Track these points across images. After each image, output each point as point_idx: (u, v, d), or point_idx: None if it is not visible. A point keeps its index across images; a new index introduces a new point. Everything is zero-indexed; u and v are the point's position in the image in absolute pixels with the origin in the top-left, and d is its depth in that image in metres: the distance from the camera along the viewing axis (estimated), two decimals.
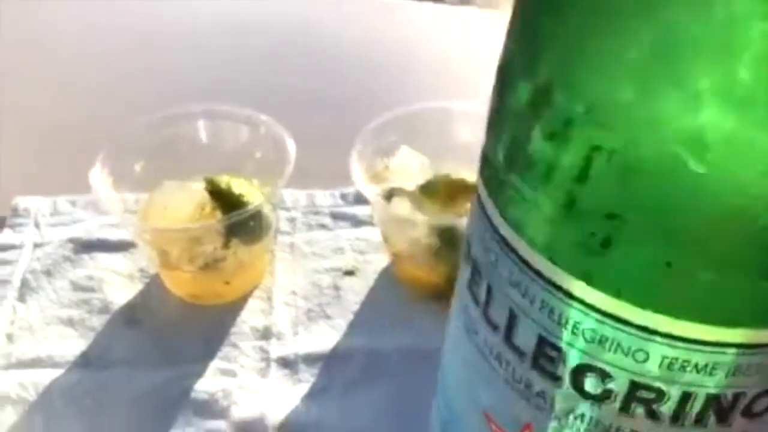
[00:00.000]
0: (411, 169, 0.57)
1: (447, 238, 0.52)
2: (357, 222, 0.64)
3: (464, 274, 0.28)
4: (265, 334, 0.55)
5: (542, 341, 0.25)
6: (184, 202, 0.57)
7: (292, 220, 0.64)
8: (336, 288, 0.58)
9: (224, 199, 0.55)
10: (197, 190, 0.57)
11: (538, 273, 0.24)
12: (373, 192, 0.52)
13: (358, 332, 0.55)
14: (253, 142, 0.59)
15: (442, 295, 0.57)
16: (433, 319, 0.56)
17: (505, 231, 0.25)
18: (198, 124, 0.59)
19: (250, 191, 0.56)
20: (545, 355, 0.25)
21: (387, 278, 0.59)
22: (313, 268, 0.60)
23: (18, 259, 0.60)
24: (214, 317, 0.56)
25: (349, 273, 0.59)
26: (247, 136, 0.59)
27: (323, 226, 0.64)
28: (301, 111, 0.59)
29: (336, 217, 0.65)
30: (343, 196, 0.66)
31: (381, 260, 0.60)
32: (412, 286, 0.57)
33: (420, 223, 0.51)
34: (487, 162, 0.26)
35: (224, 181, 0.56)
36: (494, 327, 0.26)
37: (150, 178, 0.58)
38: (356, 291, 0.58)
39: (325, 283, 0.59)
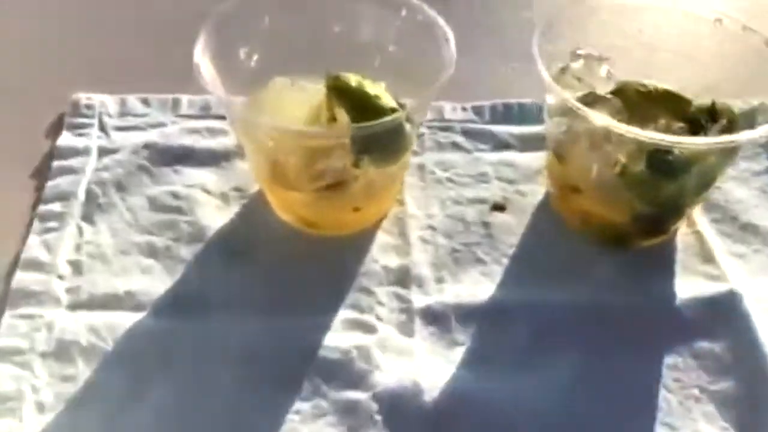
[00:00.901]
0: (597, 73, 0.44)
1: (659, 162, 0.39)
2: (498, 143, 0.51)
3: None
4: (403, 277, 0.43)
5: None
6: (298, 103, 0.44)
7: (418, 136, 0.51)
8: (485, 225, 0.46)
9: (352, 102, 0.42)
10: (313, 89, 0.44)
11: None
12: (562, 94, 0.39)
13: (518, 282, 0.43)
14: (387, 29, 0.45)
15: (624, 238, 0.45)
16: (612, 268, 0.44)
17: None
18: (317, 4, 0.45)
19: (383, 94, 0.43)
20: None
21: (547, 214, 0.47)
22: (451, 197, 0.47)
23: (83, 167, 0.48)
24: (335, 252, 0.44)
25: (499, 207, 0.47)
26: (380, 22, 0.45)
27: (457, 146, 0.51)
28: None
29: (470, 135, 0.52)
30: (478, 111, 0.53)
31: (536, 192, 0.48)
32: (583, 225, 0.45)
33: (628, 140, 0.38)
34: None
35: (353, 78, 0.43)
36: None
37: (257, 72, 0.45)
38: (510, 230, 0.46)
39: (470, 218, 0.46)
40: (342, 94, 0.42)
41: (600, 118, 0.38)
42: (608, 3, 0.46)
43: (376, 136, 0.41)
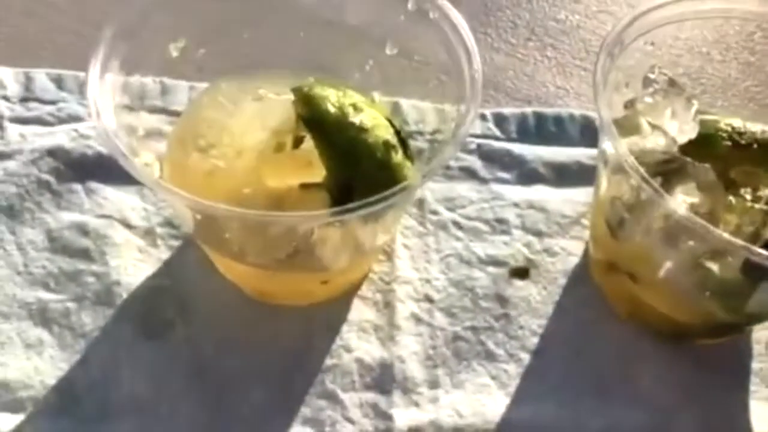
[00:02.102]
0: (679, 114, 0.31)
1: (761, 271, 0.27)
2: (526, 173, 0.38)
3: None
4: (383, 378, 0.32)
5: None
6: (254, 123, 0.31)
7: (418, 154, 0.38)
8: (500, 300, 0.34)
9: (329, 139, 0.29)
10: (276, 101, 0.31)
11: None
12: (636, 169, 0.27)
13: (543, 392, 0.32)
14: (386, 24, 0.32)
15: (685, 336, 0.34)
16: (669, 377, 0.32)
17: None
18: None
19: (376, 121, 0.30)
20: None
21: (585, 287, 0.35)
22: (458, 253, 0.35)
23: None
24: (293, 332, 0.32)
25: (520, 273, 0.35)
26: (378, 13, 0.32)
27: (470, 174, 0.38)
28: None
29: (488, 158, 0.39)
30: (500, 122, 0.40)
31: (571, 250, 0.36)
32: (632, 315, 0.33)
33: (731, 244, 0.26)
34: None
35: (332, 96, 0.30)
36: None
37: (195, 73, 0.32)
38: (534, 308, 0.34)
39: (481, 288, 0.34)
40: (315, 126, 0.29)
41: (683, 211, 0.26)
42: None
43: (365, 181, 0.29)
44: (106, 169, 0.36)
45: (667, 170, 0.28)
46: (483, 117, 0.40)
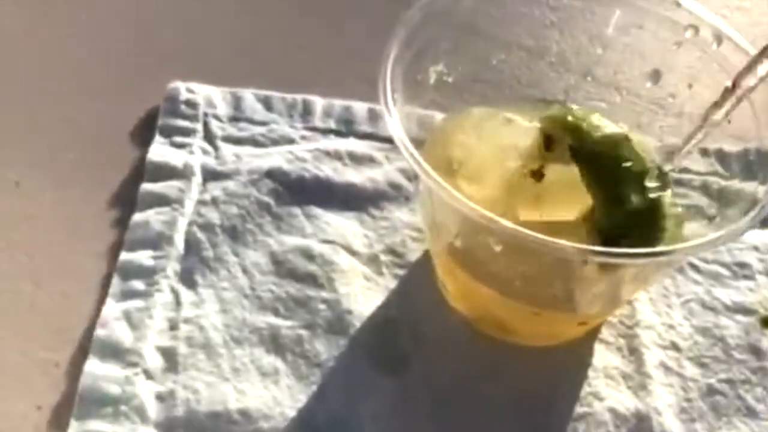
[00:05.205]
0: None
1: None
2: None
3: None
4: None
5: None
6: (501, 151, 0.30)
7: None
8: (754, 351, 0.31)
9: (597, 168, 0.27)
10: (526, 129, 0.30)
11: None
12: None
13: None
14: (651, 57, 0.30)
15: None
16: None
17: None
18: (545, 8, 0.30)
19: (637, 157, 0.28)
20: None
21: None
22: (699, 298, 0.33)
23: (181, 197, 0.34)
24: (536, 374, 0.30)
25: None
26: (646, 45, 0.30)
27: (701, 213, 0.36)
28: None
29: (716, 197, 0.36)
30: (722, 159, 0.37)
31: None
32: None
33: None
34: None
35: (589, 121, 0.28)
36: None
37: (446, 98, 0.31)
38: None
39: (731, 336, 0.32)
40: (583, 157, 0.28)
41: None
42: None
43: (636, 223, 0.27)
44: (323, 194, 0.35)
45: None
46: (705, 153, 0.38)
